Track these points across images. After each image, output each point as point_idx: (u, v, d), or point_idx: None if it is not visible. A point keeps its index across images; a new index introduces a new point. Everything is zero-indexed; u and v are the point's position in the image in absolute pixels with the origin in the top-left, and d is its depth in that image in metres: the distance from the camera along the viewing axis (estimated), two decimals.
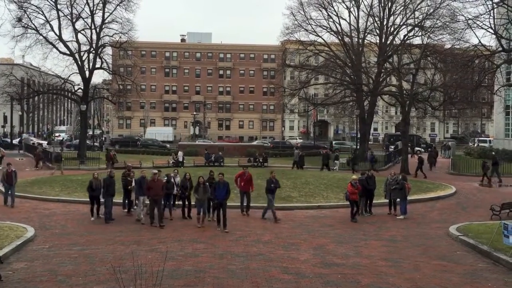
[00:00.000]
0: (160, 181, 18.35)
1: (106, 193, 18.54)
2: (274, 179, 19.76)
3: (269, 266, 12.81)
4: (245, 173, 20.07)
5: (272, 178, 19.74)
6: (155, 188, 17.84)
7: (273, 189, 19.57)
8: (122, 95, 53.53)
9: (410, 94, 40.50)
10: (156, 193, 17.80)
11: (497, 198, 25.00)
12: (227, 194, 17.44)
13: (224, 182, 17.47)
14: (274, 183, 19.64)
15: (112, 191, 18.77)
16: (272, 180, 19.68)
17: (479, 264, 13.56)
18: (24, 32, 45.00)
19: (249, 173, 20.13)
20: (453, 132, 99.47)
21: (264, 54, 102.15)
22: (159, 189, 18.00)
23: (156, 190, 17.84)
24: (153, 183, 17.98)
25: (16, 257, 13.51)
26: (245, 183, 19.86)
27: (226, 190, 17.37)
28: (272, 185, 19.60)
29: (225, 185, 17.45)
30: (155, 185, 17.93)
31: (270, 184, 19.61)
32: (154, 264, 12.13)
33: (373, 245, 15.46)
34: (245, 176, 19.92)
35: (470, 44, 29.01)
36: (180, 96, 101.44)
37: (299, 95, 57.46)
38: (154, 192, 17.79)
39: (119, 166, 37.45)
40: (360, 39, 51.69)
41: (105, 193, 18.57)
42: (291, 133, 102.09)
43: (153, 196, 17.79)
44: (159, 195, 17.98)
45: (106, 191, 18.52)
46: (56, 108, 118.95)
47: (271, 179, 19.69)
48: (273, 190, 19.57)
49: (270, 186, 19.55)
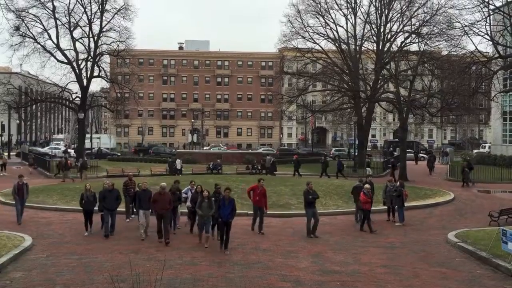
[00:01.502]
0: (167, 195, 16.61)
1: (102, 207, 17.14)
2: (311, 190, 17.87)
3: (268, 274, 12.78)
4: (258, 187, 18.07)
5: (309, 189, 17.82)
6: (161, 202, 16.21)
7: (312, 201, 17.68)
8: (120, 103, 53.58)
9: (408, 101, 40.60)
10: (161, 207, 16.14)
11: (495, 204, 25.02)
12: (233, 213, 15.38)
13: (230, 199, 15.39)
14: (312, 194, 17.72)
15: (110, 204, 17.16)
16: (309, 191, 17.76)
17: (477, 271, 13.53)
18: (22, 40, 45.18)
19: (263, 187, 18.19)
20: (451, 138, 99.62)
21: (262, 62, 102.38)
22: (166, 203, 16.30)
23: (162, 204, 16.18)
24: (159, 196, 16.30)
25: (14, 266, 13.45)
26: (259, 197, 17.97)
27: (232, 208, 15.30)
28: (310, 196, 17.67)
29: (231, 202, 15.34)
30: (161, 198, 16.27)
31: (308, 196, 17.67)
32: (152, 273, 12.08)
33: (372, 252, 15.43)
34: (259, 190, 18.00)
35: (467, 51, 29.15)
36: (178, 104, 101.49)
37: (297, 102, 57.59)
38: (160, 206, 16.15)
39: (115, 174, 37.51)
40: (357, 46, 51.90)
41: (101, 207, 17.19)
42: (290, 140, 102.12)
43: (158, 211, 16.16)
44: (165, 210, 16.27)
45: (103, 204, 17.12)
46: (54, 117, 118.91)
47: (308, 190, 17.80)
48: (311, 203, 17.67)
49: (308, 198, 17.64)
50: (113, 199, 17.31)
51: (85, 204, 17.45)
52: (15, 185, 20.36)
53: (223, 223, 15.13)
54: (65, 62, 46.77)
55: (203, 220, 15.73)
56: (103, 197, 17.16)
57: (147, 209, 16.71)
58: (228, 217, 15.13)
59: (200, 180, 29.16)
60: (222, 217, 15.10)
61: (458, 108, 43.81)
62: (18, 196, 19.97)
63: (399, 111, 42.54)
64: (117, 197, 17.50)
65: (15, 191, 20.09)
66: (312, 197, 17.58)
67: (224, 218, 15.09)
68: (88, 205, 17.42)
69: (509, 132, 55.87)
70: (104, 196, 17.19)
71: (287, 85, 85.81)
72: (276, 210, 22.79)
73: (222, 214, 15.11)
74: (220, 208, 15.19)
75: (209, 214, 15.57)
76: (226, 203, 15.27)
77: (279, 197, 25.07)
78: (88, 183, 18.39)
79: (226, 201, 15.31)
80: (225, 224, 15.11)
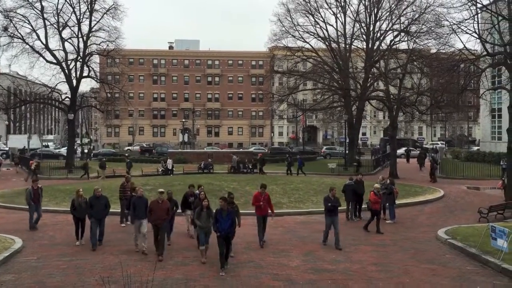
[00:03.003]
0: (165, 203, 14.82)
1: (90, 214, 15.68)
2: (334, 196, 16.11)
3: (260, 273, 12.82)
4: (261, 194, 16.18)
5: (331, 196, 16.10)
6: (158, 211, 14.46)
7: (331, 209, 15.92)
8: (110, 103, 53.36)
9: (398, 99, 40.81)
10: (158, 217, 14.45)
11: (484, 201, 25.24)
12: (233, 226, 13.37)
13: (229, 210, 13.43)
14: (332, 202, 16.00)
15: (98, 213, 15.63)
16: (330, 198, 16.08)
17: (467, 267, 13.66)
18: (11, 41, 44.91)
19: (266, 193, 16.43)
20: (441, 136, 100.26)
21: (252, 61, 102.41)
22: (164, 212, 14.59)
23: (159, 214, 14.47)
24: (157, 205, 14.57)
25: (4, 269, 13.36)
26: (264, 205, 16.09)
27: (232, 221, 13.29)
28: (329, 204, 15.95)
29: (230, 215, 13.30)
30: (158, 207, 14.53)
31: (327, 203, 16.03)
32: (143, 274, 12.08)
33: (363, 250, 15.52)
34: (262, 197, 16.10)
35: (455, 49, 29.39)
36: (168, 103, 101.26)
37: (288, 101, 57.69)
38: (157, 215, 14.45)
39: (107, 175, 37.37)
40: (347, 45, 52.11)
41: (89, 214, 15.74)
42: (281, 139, 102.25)
43: (154, 221, 14.50)
44: (162, 220, 14.54)
45: (90, 212, 15.67)
46: (44, 117, 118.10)
47: (330, 197, 16.10)
48: (331, 210, 15.92)
49: (328, 205, 15.98)
50: (102, 207, 15.79)
51: (76, 211, 16.06)
52: (29, 190, 19.06)
53: (223, 238, 13.02)
54: (54, 63, 46.50)
55: (203, 232, 13.82)
56: (91, 205, 15.70)
57: (143, 218, 14.94)
58: (227, 232, 13.10)
59: (192, 180, 29.19)
60: (220, 232, 12.98)
61: (447, 105, 44.11)
62: (34, 201, 18.86)
63: (389, 109, 42.75)
64: (106, 205, 15.98)
65: (30, 196, 18.83)
66: (331, 205, 15.86)
67: (223, 232, 12.99)
68: (80, 212, 16.02)
69: (498, 129, 56.39)
70: (92, 204, 15.70)
71: (277, 84, 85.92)
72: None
73: (221, 228, 13.01)
74: (218, 221, 13.09)
75: (209, 225, 13.68)
76: (224, 215, 13.16)
77: (270, 196, 25.05)
78: (80, 188, 16.93)
79: (224, 213, 13.19)
80: (225, 239, 13.08)
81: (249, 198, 24.52)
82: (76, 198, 16.16)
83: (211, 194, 24.86)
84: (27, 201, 19.11)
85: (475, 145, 71.17)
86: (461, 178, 37.28)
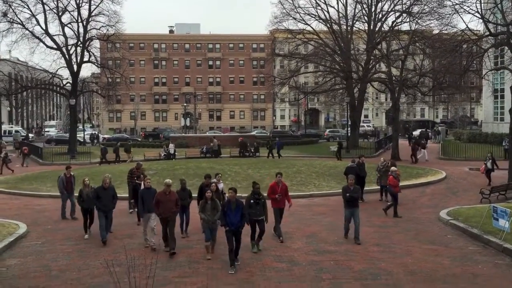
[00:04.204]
0: (173, 194, 13.59)
1: (97, 206, 14.67)
2: (352, 186, 14.65)
3: (263, 255, 12.92)
4: (277, 184, 14.66)
5: (350, 185, 14.68)
6: (165, 203, 13.26)
7: (349, 199, 14.38)
8: (111, 88, 53.24)
9: (400, 80, 40.63)
10: (167, 210, 13.27)
11: (486, 182, 25.25)
12: (243, 220, 12.18)
13: (238, 202, 12.18)
14: (350, 192, 14.42)
15: (105, 205, 14.53)
16: (349, 188, 14.55)
17: (469, 247, 13.74)
18: (10, 27, 44.71)
19: (284, 184, 14.92)
20: (443, 117, 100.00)
21: (253, 44, 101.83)
22: (172, 204, 13.37)
23: (167, 206, 13.28)
24: (164, 196, 13.34)
25: (9, 253, 13.50)
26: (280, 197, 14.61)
27: (242, 214, 12.13)
28: (347, 194, 14.42)
29: (239, 207, 12.12)
30: (166, 199, 13.31)
31: (345, 193, 14.55)
32: (147, 257, 12.19)
33: (365, 231, 15.59)
34: (279, 187, 14.60)
35: (457, 29, 29.24)
36: (170, 88, 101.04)
37: (289, 84, 57.46)
38: (165, 208, 13.26)
39: (109, 160, 37.44)
40: (348, 27, 51.73)
41: (97, 206, 14.67)
42: (282, 122, 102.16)
43: (162, 214, 13.31)
44: (172, 212, 13.42)
45: (97, 204, 14.61)
46: (45, 103, 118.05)
47: (348, 186, 14.70)
48: (349, 201, 14.40)
49: (345, 195, 14.49)
50: (109, 198, 14.70)
51: (84, 202, 15.14)
52: (62, 178, 18.25)
53: (231, 232, 11.89)
54: (54, 48, 46.33)
55: (208, 226, 12.75)
56: (97, 197, 14.60)
57: (151, 212, 13.76)
58: (237, 226, 11.97)
59: (194, 165, 29.33)
60: (229, 226, 11.88)
61: (450, 86, 43.92)
62: (66, 190, 18.19)
63: (391, 91, 42.62)
64: (114, 196, 14.90)
65: (63, 184, 18.06)
66: (350, 195, 14.36)
67: (232, 227, 11.88)
68: (88, 203, 15.02)
69: (500, 110, 56.19)
70: (98, 195, 14.59)
71: (279, 67, 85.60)
72: None
73: (230, 222, 11.90)
74: (226, 214, 12.00)
75: (214, 219, 12.66)
76: (233, 207, 12.01)
77: (272, 179, 25.06)
78: (87, 178, 15.93)
79: (233, 205, 12.04)
80: (234, 234, 11.92)
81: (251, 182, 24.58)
82: (83, 188, 15.27)
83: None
84: (59, 189, 18.39)
85: (478, 126, 70.87)
86: (463, 160, 37.27)
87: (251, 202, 13.06)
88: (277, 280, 10.91)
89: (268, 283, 10.75)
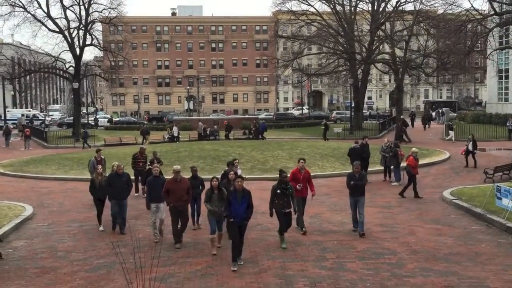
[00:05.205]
0: (184, 182, 12.44)
1: (110, 195, 13.60)
2: (358, 173, 13.29)
3: (267, 235, 13.03)
4: (300, 170, 13.40)
5: (355, 172, 13.33)
6: (177, 191, 12.14)
7: (353, 188, 13.11)
8: (114, 72, 53.13)
9: (403, 61, 40.40)
10: (178, 198, 12.13)
11: (490, 161, 25.27)
12: (249, 211, 11.05)
13: (245, 191, 11.02)
14: (355, 180, 13.10)
15: (118, 193, 13.40)
16: (354, 175, 13.22)
17: (472, 227, 13.80)
18: (12, 10, 44.55)
19: (307, 171, 13.63)
20: (447, 98, 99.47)
21: (256, 26, 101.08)
22: (184, 192, 12.25)
23: (178, 195, 12.14)
24: (175, 184, 12.21)
25: (16, 235, 13.65)
26: (303, 184, 13.32)
27: (247, 205, 11.00)
28: (351, 182, 13.13)
29: (246, 197, 10.95)
30: (177, 187, 12.19)
31: (349, 181, 13.20)
32: (153, 238, 12.29)
33: (369, 211, 15.61)
34: (302, 175, 13.35)
35: (462, 9, 29.01)
36: (173, 71, 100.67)
37: (293, 66, 57.23)
38: (176, 197, 12.11)
39: (113, 143, 37.62)
40: (352, 7, 51.30)
41: (110, 195, 13.64)
42: (286, 104, 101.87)
43: (173, 203, 12.14)
44: (183, 201, 12.32)
45: (110, 192, 13.54)
46: (49, 87, 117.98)
47: (354, 173, 13.35)
48: (352, 189, 13.16)
49: (350, 183, 13.18)
50: (123, 186, 13.54)
51: (98, 191, 13.91)
52: (92, 161, 17.57)
53: (236, 225, 10.84)
54: (56, 31, 46.17)
55: (214, 217, 11.68)
56: (110, 184, 13.47)
57: (160, 202, 12.72)
58: (243, 217, 10.93)
59: (198, 147, 29.42)
60: (234, 217, 10.82)
61: (454, 67, 43.71)
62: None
63: (395, 72, 42.39)
64: (128, 183, 13.77)
65: (94, 167, 16.73)
66: (354, 183, 13.04)
67: (237, 218, 10.82)
68: (103, 193, 13.82)
69: (505, 90, 55.90)
70: (111, 182, 13.48)
71: (282, 49, 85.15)
72: (274, 174, 22.95)
73: (235, 213, 10.81)
74: (231, 204, 10.89)
75: (221, 210, 11.46)
76: (238, 197, 10.89)
77: (276, 161, 25.28)
78: (100, 166, 14.73)
79: (239, 195, 10.90)
80: (239, 227, 10.90)
81: (255, 163, 24.78)
82: (96, 177, 14.10)
83: (217, 160, 25.10)
84: (90, 173, 17.66)
85: (482, 107, 70.43)
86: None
87: (277, 192, 11.86)
88: (281, 260, 11.00)
89: (272, 262, 10.85)
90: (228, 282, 9.73)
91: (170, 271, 10.30)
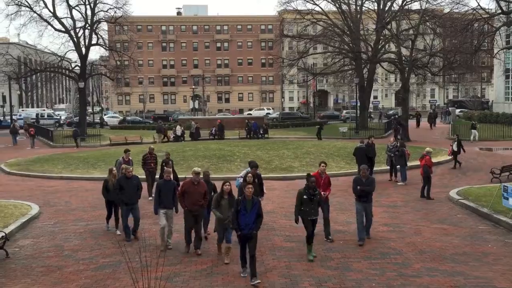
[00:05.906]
0: (202, 185, 11.64)
1: (121, 199, 12.80)
2: (365, 177, 12.34)
3: (272, 235, 13.01)
4: (320, 174, 12.62)
5: (362, 177, 12.39)
6: (193, 194, 11.42)
7: (360, 194, 12.25)
8: (120, 71, 53.32)
9: (409, 61, 40.25)
10: (194, 203, 11.42)
11: (497, 161, 25.16)
12: (258, 221, 9.95)
13: (254, 201, 9.95)
14: (362, 184, 12.19)
15: (128, 197, 12.61)
16: (361, 180, 12.28)
17: (479, 227, 13.73)
18: (18, 10, 44.81)
19: (327, 175, 12.87)
20: (453, 98, 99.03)
21: (261, 25, 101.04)
22: (200, 196, 11.49)
23: (194, 198, 11.43)
24: (192, 187, 11.48)
25: (22, 234, 13.70)
26: (323, 190, 12.42)
27: (257, 214, 9.90)
28: (358, 187, 12.24)
29: (255, 205, 9.88)
30: (194, 190, 11.44)
31: (355, 186, 12.29)
32: (158, 237, 12.32)
33: (374, 211, 15.47)
34: (322, 180, 12.60)
35: (469, 8, 28.84)
36: (178, 70, 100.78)
37: (298, 65, 57.14)
38: (192, 200, 11.40)
39: (118, 142, 37.73)
40: (357, 6, 51.15)
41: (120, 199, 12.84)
42: (291, 104, 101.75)
43: (189, 207, 11.43)
44: (198, 206, 11.54)
45: (120, 196, 12.74)
46: (55, 87, 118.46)
47: (360, 178, 12.41)
48: (360, 196, 12.28)
49: (356, 189, 12.28)
50: (133, 189, 12.76)
51: (111, 193, 13.31)
52: (120, 162, 16.76)
53: (244, 237, 9.85)
54: (62, 31, 46.36)
55: (222, 225, 10.90)
56: (120, 187, 12.68)
57: (169, 208, 11.93)
58: (251, 228, 9.80)
59: (203, 146, 29.44)
60: (242, 229, 9.79)
61: (460, 66, 43.47)
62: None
63: (400, 71, 42.23)
64: (138, 187, 12.95)
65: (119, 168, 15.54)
66: (360, 189, 12.17)
67: (245, 230, 9.78)
68: (114, 195, 13.15)
69: None
70: (121, 186, 12.67)
71: (287, 48, 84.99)
72: (279, 173, 23.04)
73: (243, 224, 9.78)
74: (240, 213, 9.81)
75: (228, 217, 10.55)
76: (248, 207, 9.79)
77: (281, 160, 25.26)
78: (114, 168, 14.40)
79: (248, 204, 9.82)
80: (247, 239, 9.84)
81: (261, 163, 24.60)
82: (109, 178, 13.51)
83: (223, 160, 25.12)
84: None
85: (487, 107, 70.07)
86: (474, 140, 36.98)
87: (304, 198, 10.99)
88: (286, 259, 10.99)
89: (277, 262, 10.84)
90: (234, 282, 9.73)
91: (176, 270, 10.32)
